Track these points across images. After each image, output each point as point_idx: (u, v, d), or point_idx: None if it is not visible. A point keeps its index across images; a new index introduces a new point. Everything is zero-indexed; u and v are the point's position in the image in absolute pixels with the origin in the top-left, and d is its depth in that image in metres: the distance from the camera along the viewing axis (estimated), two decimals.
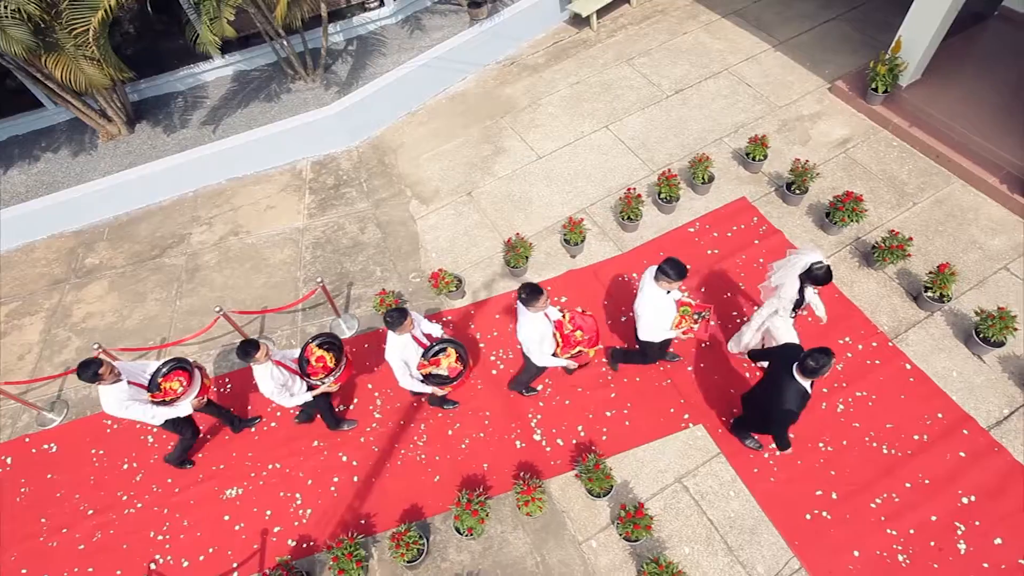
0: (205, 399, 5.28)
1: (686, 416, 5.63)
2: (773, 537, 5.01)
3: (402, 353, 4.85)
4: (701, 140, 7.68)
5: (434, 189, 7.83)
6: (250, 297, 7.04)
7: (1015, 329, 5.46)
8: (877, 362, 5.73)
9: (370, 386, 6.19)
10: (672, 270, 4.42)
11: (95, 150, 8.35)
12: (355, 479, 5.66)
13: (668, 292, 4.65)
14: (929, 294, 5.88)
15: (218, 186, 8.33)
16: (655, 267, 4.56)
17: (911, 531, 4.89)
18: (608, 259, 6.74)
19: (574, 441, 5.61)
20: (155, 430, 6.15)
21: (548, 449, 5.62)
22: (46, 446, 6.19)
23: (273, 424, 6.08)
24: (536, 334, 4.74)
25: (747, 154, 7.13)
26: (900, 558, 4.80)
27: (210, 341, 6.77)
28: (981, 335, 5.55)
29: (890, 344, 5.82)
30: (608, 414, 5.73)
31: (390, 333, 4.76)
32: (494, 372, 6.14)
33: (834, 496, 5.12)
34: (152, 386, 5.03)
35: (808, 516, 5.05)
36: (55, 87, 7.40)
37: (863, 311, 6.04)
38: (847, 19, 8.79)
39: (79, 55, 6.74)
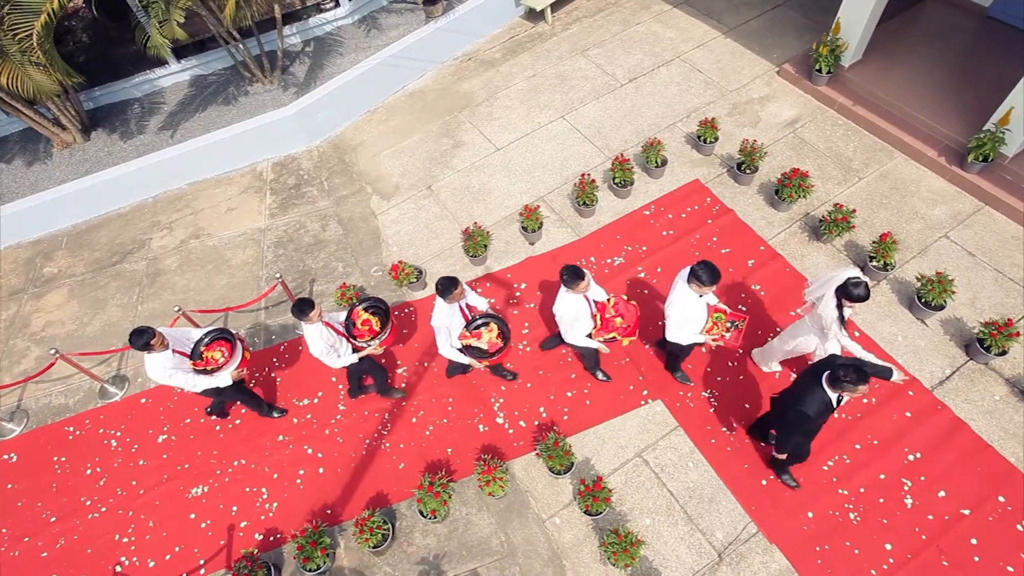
0: (245, 370, 5.30)
1: (645, 392, 5.75)
2: (731, 504, 5.14)
3: (447, 321, 4.90)
4: (655, 126, 7.84)
5: (394, 185, 7.89)
6: (213, 298, 7.04)
7: (953, 292, 5.66)
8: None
9: (334, 379, 6.22)
10: (705, 273, 4.32)
11: (50, 159, 8.28)
12: (320, 471, 5.69)
13: (700, 296, 4.56)
14: (874, 263, 6.07)
15: (178, 190, 8.30)
16: (689, 268, 4.47)
17: (861, 490, 5.06)
18: (566, 244, 6.86)
19: (536, 422, 5.70)
20: (118, 434, 6.15)
21: (511, 431, 5.70)
22: (6, 456, 6.13)
23: (237, 421, 6.09)
24: (570, 314, 4.77)
25: (699, 137, 7.30)
26: (852, 516, 4.95)
27: None
28: (923, 300, 5.75)
29: None
30: (569, 394, 5.83)
31: (438, 300, 4.81)
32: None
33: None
34: (194, 355, 5.06)
35: (764, 482, 5.19)
36: (5, 96, 7.33)
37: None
38: (793, 5, 9.02)
39: (25, 61, 6.69)
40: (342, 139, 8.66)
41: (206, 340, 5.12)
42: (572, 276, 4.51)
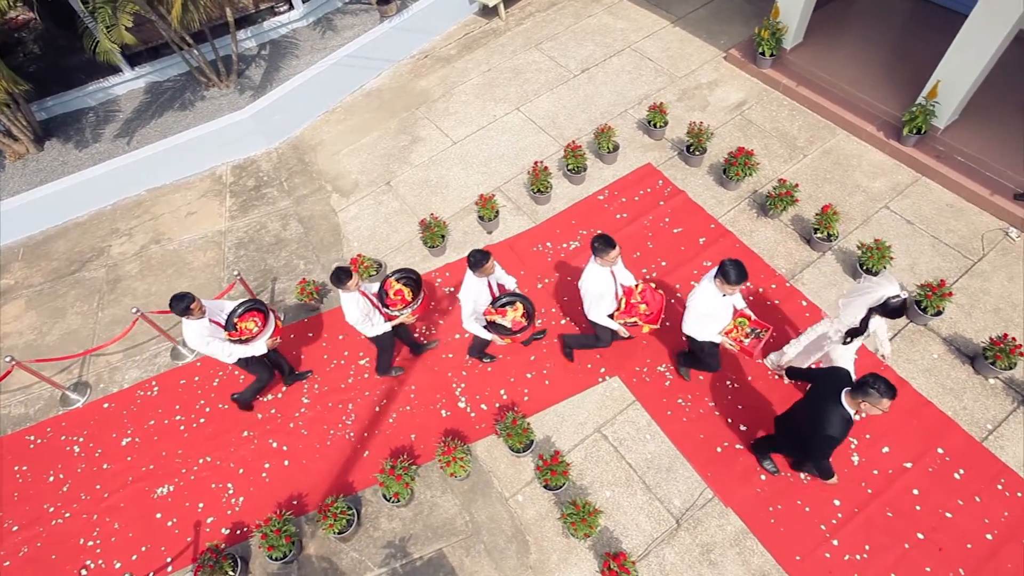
0: (278, 339, 5.37)
1: (602, 370, 5.89)
2: (688, 472, 5.29)
3: (475, 295, 4.96)
4: (608, 113, 8.01)
5: (353, 182, 7.96)
6: None
7: (892, 258, 5.90)
8: (777, 302, 6.10)
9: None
10: (733, 271, 4.23)
11: (2, 171, 8.20)
12: (286, 463, 5.74)
13: (725, 296, 4.48)
14: (819, 235, 6.29)
15: (137, 197, 8.28)
16: (717, 265, 4.38)
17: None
18: (523, 232, 6.98)
19: (497, 405, 5.80)
20: (80, 440, 6.13)
21: (473, 415, 5.80)
22: None
23: (202, 420, 6.10)
24: (596, 288, 4.78)
25: (649, 122, 7.49)
26: (802, 476, 5.13)
27: (135, 347, 6.74)
28: (864, 267, 5.97)
29: (787, 284, 6.20)
30: (528, 376, 5.95)
31: (468, 273, 4.87)
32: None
33: (743, 428, 5.43)
34: (228, 325, 5.13)
35: (719, 449, 5.35)
36: None
37: (762, 257, 6.42)
38: None
39: None
40: (301, 140, 8.70)
41: (239, 311, 5.23)
42: (604, 244, 4.49)
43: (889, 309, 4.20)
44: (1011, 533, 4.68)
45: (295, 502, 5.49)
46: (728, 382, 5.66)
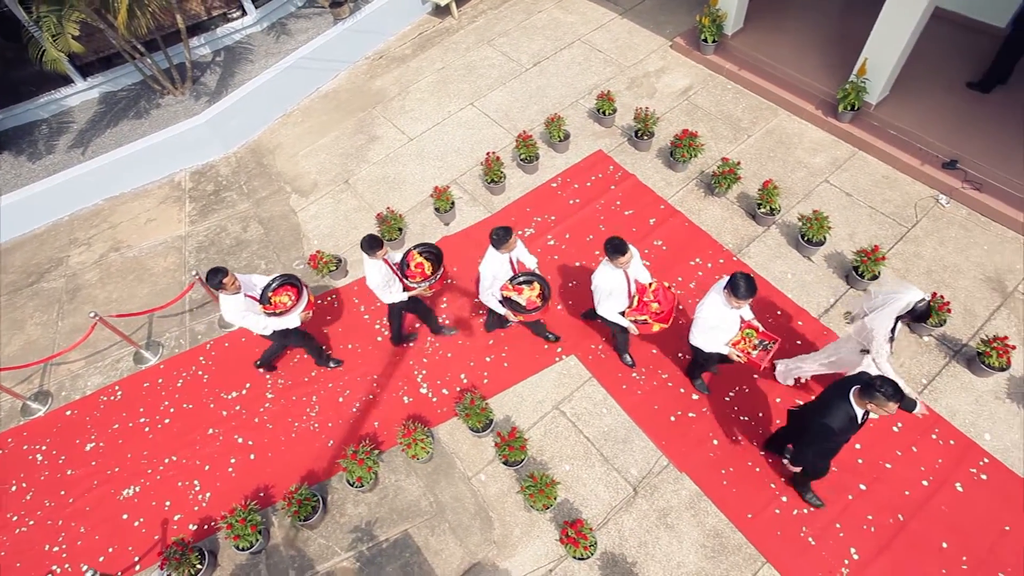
0: (311, 313, 5.51)
1: (559, 349, 6.05)
2: (643, 442, 5.47)
3: (495, 270, 5.06)
4: (559, 104, 8.21)
5: (312, 182, 8.04)
6: (136, 307, 7.03)
7: (830, 228, 6.16)
8: (724, 275, 6.28)
9: (261, 369, 6.33)
10: (744, 284, 4.22)
11: None
12: (252, 457, 5.80)
13: (733, 308, 4.44)
14: (762, 210, 6.53)
15: (95, 207, 8.27)
16: (727, 277, 4.39)
17: (759, 414, 5.46)
18: (479, 222, 7.13)
19: (458, 388, 5.93)
20: (44, 448, 6.12)
21: (434, 400, 5.92)
22: None
23: (167, 420, 6.14)
24: (607, 285, 4.82)
25: (599, 111, 7.70)
26: (754, 442, 5.33)
27: (96, 354, 6.75)
28: (806, 238, 6.22)
29: (735, 259, 6.44)
30: (488, 359, 6.09)
31: (491, 249, 4.97)
32: (379, 339, 6.39)
33: (694, 397, 5.64)
34: (263, 299, 5.28)
35: (672, 418, 5.54)
36: None
37: (710, 234, 6.64)
38: None
39: None
40: (259, 143, 8.76)
41: (273, 285, 5.38)
42: (616, 249, 4.53)
43: (917, 314, 4.20)
44: (945, 478, 4.94)
45: (262, 494, 5.56)
46: (680, 354, 5.86)
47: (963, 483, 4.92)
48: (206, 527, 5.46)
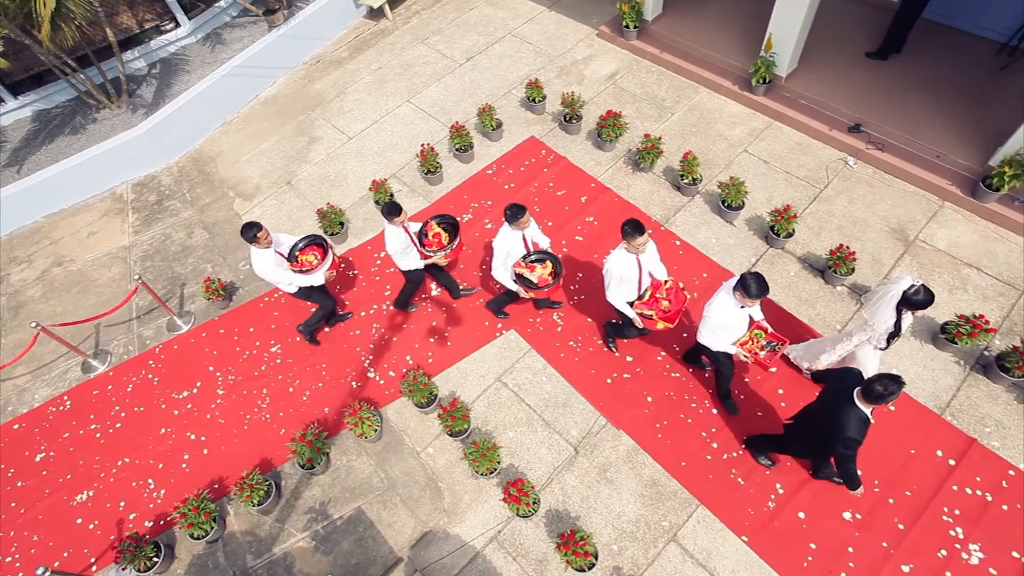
0: (335, 272, 5.73)
1: (499, 326, 6.30)
2: (582, 405, 5.74)
3: (508, 246, 5.18)
4: (493, 96, 8.49)
5: (255, 186, 8.16)
6: (82, 318, 7.05)
7: (747, 193, 6.55)
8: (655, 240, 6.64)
9: (211, 368, 6.44)
10: (754, 284, 4.18)
11: None
12: (205, 452, 5.90)
13: (742, 307, 4.45)
14: (685, 181, 6.90)
15: (34, 224, 8.24)
16: (738, 276, 4.35)
17: (690, 370, 5.78)
18: (418, 211, 7.35)
19: (404, 370, 6.12)
20: None
21: (382, 382, 6.11)
22: None
23: (118, 425, 6.19)
24: (618, 270, 4.79)
25: (530, 99, 7.99)
26: (685, 396, 5.65)
27: (43, 367, 6.76)
28: (726, 203, 6.60)
29: (662, 228, 6.78)
30: (431, 340, 6.31)
31: (505, 225, 5.10)
32: (326, 330, 6.55)
33: (629, 359, 5.93)
34: (290, 257, 5.50)
35: (609, 380, 5.83)
36: None
37: (638, 207, 6.98)
38: None
39: None
40: (201, 152, 8.84)
41: (300, 245, 5.59)
42: (633, 230, 4.51)
43: (913, 301, 4.21)
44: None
45: (216, 486, 5.67)
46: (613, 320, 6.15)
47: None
48: (162, 522, 5.54)
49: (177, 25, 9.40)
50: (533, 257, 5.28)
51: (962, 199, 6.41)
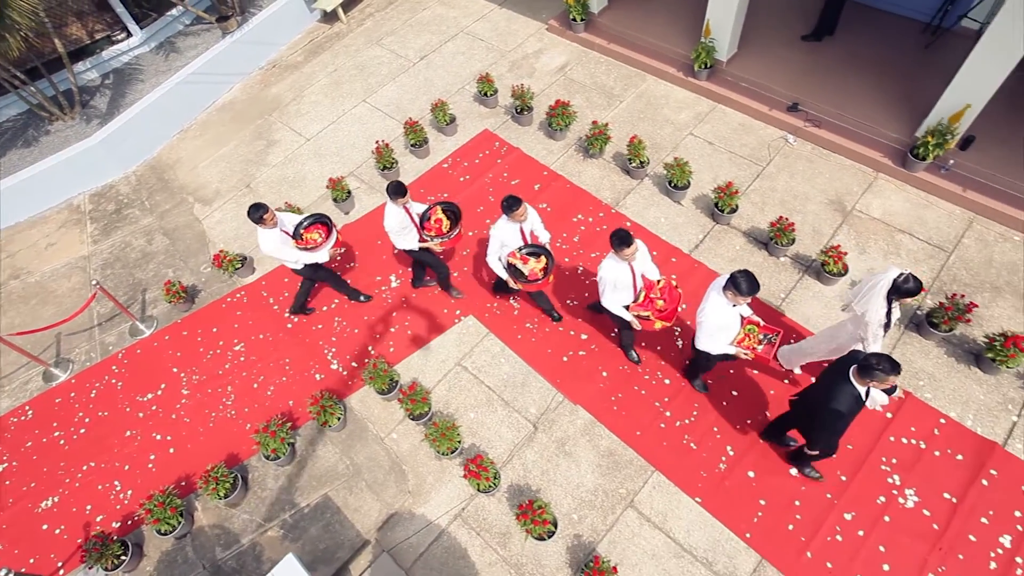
0: (341, 249, 5.98)
1: (458, 312, 6.45)
2: (540, 383, 5.92)
3: (504, 236, 5.23)
4: (446, 92, 8.65)
5: (215, 190, 8.21)
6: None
7: (691, 172, 6.79)
8: (606, 227, 6.85)
9: (175, 369, 6.49)
10: (745, 282, 4.17)
11: None
12: (171, 451, 5.95)
13: (734, 306, 4.45)
14: (633, 164, 7.12)
15: None
16: (725, 276, 4.33)
17: (642, 344, 5.99)
18: (376, 208, 7.47)
19: (367, 360, 6.24)
20: None
21: (345, 373, 6.22)
22: None
23: (82, 431, 6.21)
24: (611, 277, 4.80)
25: (482, 93, 8.17)
26: (640, 370, 5.86)
27: (3, 378, 6.75)
28: (672, 184, 6.84)
29: (613, 211, 6.99)
30: (392, 330, 6.44)
31: (503, 216, 5.15)
32: (289, 326, 6.64)
33: (584, 337, 6.13)
34: (296, 235, 5.65)
35: (565, 358, 6.01)
36: None
37: (589, 192, 7.19)
38: None
39: None
40: (159, 160, 8.86)
41: (305, 223, 5.75)
42: (622, 240, 4.53)
43: (904, 290, 4.22)
44: (802, 378, 5.59)
45: (183, 483, 5.72)
46: (569, 301, 6.34)
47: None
48: (130, 522, 5.58)
49: (129, 35, 9.41)
50: (528, 250, 5.31)
51: (894, 169, 6.73)
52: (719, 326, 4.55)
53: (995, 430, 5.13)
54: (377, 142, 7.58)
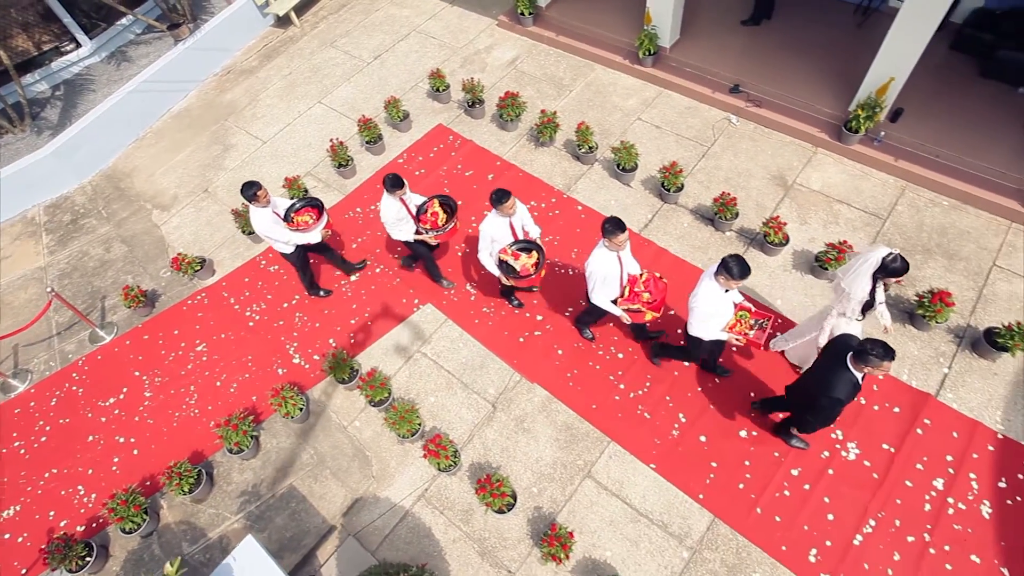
0: (330, 232, 6.12)
1: (416, 301, 6.57)
2: (498, 365, 6.06)
3: (493, 231, 5.20)
4: (400, 90, 8.77)
5: (172, 196, 8.22)
6: None
7: (638, 155, 7.00)
8: (558, 212, 7.03)
9: (137, 373, 6.50)
10: (736, 267, 4.19)
11: None
12: (135, 452, 5.98)
13: (726, 291, 4.45)
14: (582, 150, 7.31)
15: None
16: (718, 262, 4.35)
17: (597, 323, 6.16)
18: (334, 204, 7.56)
19: (329, 352, 6.32)
20: None
21: (307, 366, 6.30)
22: None
23: (43, 439, 6.20)
24: (601, 271, 4.77)
25: (435, 88, 8.31)
26: (592, 345, 6.03)
27: None
28: (620, 166, 7.04)
29: (565, 196, 7.17)
30: (353, 322, 6.53)
31: (493, 211, 5.13)
32: (251, 324, 6.70)
33: (539, 318, 6.28)
34: (287, 217, 5.76)
35: (521, 339, 6.17)
36: None
37: (542, 179, 7.36)
38: None
39: None
40: (115, 169, 8.84)
41: (297, 206, 5.89)
42: (614, 228, 4.50)
43: (891, 269, 4.24)
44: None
45: (148, 483, 5.75)
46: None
47: (765, 343, 5.77)
48: (95, 524, 5.60)
49: (78, 45, 9.38)
50: (519, 246, 5.35)
51: (831, 144, 7.01)
52: (711, 312, 4.55)
53: (928, 382, 5.40)
54: (331, 140, 7.67)
